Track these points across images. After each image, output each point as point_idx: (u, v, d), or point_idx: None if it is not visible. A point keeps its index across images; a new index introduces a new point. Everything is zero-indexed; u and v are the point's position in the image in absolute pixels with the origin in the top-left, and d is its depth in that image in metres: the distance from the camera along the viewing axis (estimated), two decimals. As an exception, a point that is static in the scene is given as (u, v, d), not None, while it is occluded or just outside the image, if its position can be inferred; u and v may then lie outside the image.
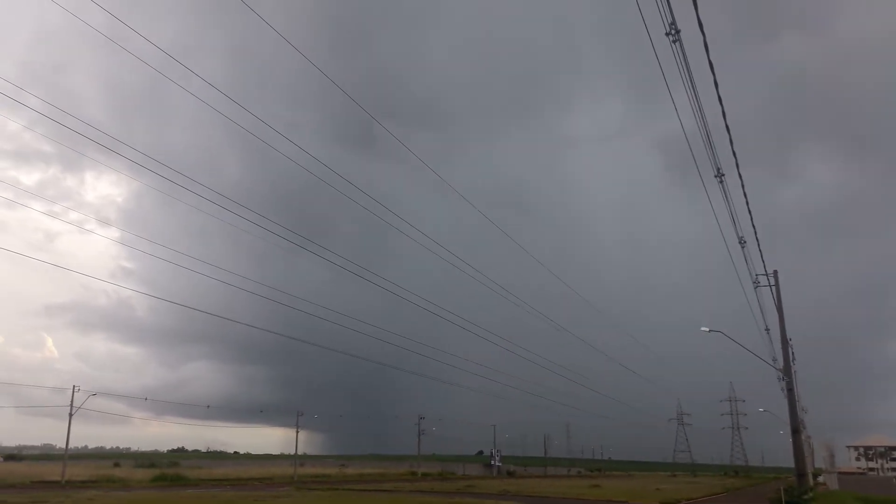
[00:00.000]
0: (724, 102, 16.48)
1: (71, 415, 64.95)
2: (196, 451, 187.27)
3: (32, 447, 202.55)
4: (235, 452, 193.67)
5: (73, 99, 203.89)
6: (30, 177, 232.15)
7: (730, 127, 18.34)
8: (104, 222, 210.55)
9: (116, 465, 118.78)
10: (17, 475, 66.90)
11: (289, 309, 42.12)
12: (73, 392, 65.38)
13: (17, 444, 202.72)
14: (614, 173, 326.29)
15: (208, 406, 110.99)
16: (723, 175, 21.67)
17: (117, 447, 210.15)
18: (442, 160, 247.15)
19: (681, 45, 13.09)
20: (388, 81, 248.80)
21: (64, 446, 68.57)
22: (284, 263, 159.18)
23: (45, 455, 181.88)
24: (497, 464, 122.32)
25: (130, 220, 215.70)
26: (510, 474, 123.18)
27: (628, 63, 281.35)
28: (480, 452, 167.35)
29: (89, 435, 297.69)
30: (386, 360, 70.08)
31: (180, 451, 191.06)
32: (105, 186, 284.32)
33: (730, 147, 19.64)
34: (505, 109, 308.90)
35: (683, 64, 13.81)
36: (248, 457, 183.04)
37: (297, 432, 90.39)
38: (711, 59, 13.95)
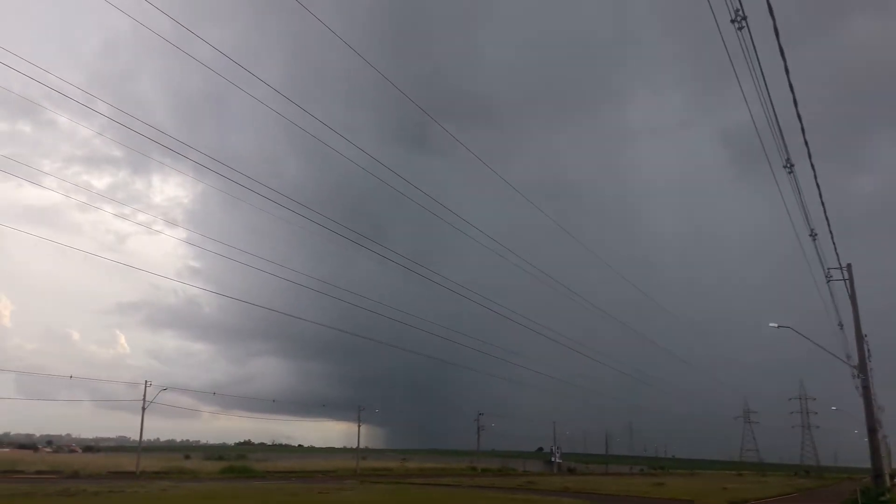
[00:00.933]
0: (794, 90, 15.96)
1: (144, 409, 67.48)
2: (262, 444, 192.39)
3: (108, 439, 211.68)
4: (300, 445, 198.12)
5: (140, 105, 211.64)
6: (101, 181, 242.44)
7: (801, 115, 17.74)
8: (171, 223, 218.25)
9: (187, 457, 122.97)
10: (95, 466, 70.13)
11: (349, 306, 42.78)
12: (146, 387, 67.93)
13: (95, 437, 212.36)
14: (675, 166, 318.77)
15: (273, 400, 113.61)
16: (792, 165, 20.99)
17: (187, 440, 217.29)
18: (498, 157, 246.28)
19: (748, 32, 12.75)
20: (444, 80, 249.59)
21: (137, 439, 71.44)
22: (343, 261, 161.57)
23: (120, 447, 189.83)
24: (557, 460, 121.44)
25: (196, 220, 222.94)
26: (571, 471, 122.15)
27: (688, 53, 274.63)
28: (540, 449, 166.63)
29: (161, 428, 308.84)
30: (446, 357, 70.46)
31: (247, 444, 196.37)
32: (172, 188, 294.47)
33: (799, 136, 18.98)
34: (561, 104, 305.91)
35: (751, 52, 13.43)
36: (312, 450, 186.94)
37: (359, 426, 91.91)
38: (781, 45, 13.53)
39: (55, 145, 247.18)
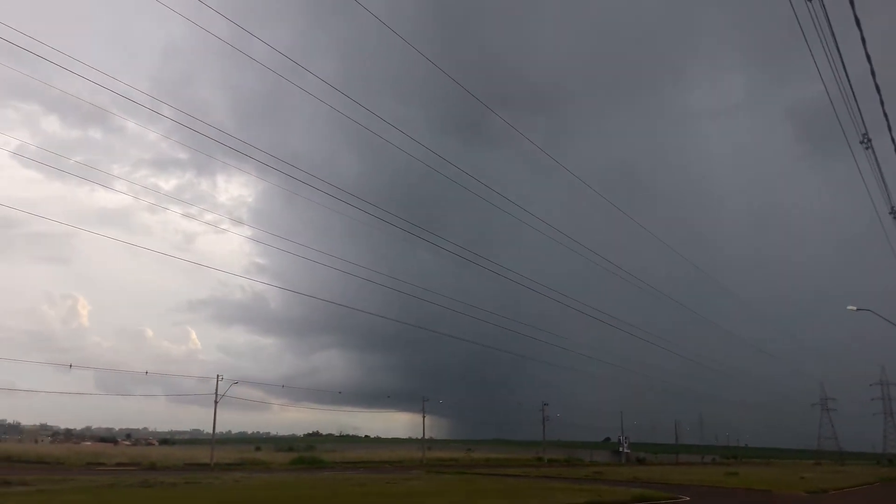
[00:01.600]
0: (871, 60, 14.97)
1: (216, 402, 69.48)
2: (329, 435, 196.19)
3: (183, 432, 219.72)
4: (366, 436, 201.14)
5: (201, 107, 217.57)
6: (168, 183, 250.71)
7: (879, 87, 16.65)
8: (237, 221, 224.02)
9: (258, 448, 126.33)
10: (171, 458, 72.69)
11: (410, 298, 42.99)
12: (217, 381, 69.94)
13: (170, 430, 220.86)
14: (738, 146, 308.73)
15: (339, 392, 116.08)
16: (870, 140, 19.81)
17: (258, 432, 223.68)
18: (554, 144, 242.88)
19: (821, 2, 12.07)
20: (498, 68, 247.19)
21: (210, 431, 73.66)
22: (401, 253, 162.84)
23: (194, 439, 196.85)
24: (625, 450, 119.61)
25: (260, 218, 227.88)
26: (640, 461, 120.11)
27: (749, 29, 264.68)
28: (607, 439, 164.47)
29: (232, 420, 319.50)
30: (509, 347, 70.16)
31: (315, 435, 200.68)
32: (236, 188, 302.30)
33: (876, 110, 17.86)
34: (618, 88, 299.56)
35: (823, 23, 12.67)
36: (378, 440, 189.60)
37: (424, 417, 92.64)
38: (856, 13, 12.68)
39: (124, 150, 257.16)
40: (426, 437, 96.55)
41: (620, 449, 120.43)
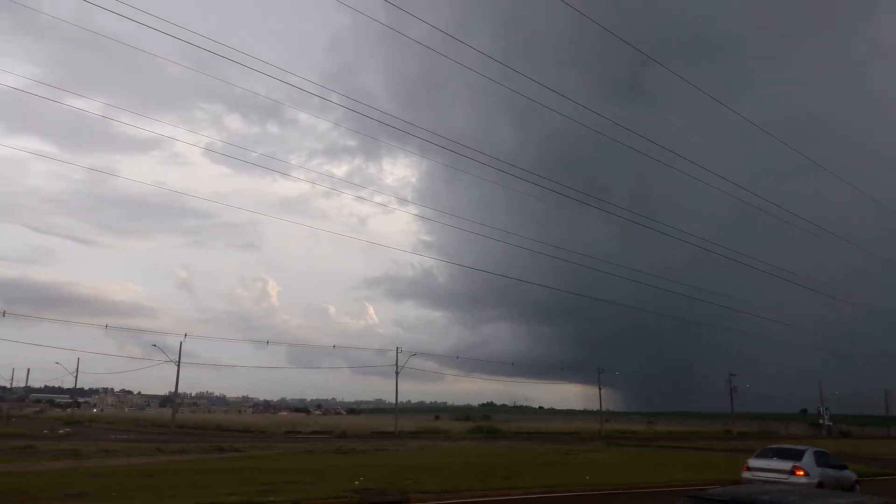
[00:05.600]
0: None
1: (397, 373, 72.69)
2: (503, 406, 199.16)
3: (367, 402, 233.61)
4: (540, 407, 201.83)
5: (366, 95, 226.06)
6: (340, 169, 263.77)
7: None
8: (403, 201, 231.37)
9: (437, 417, 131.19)
10: (359, 426, 77.32)
11: (577, 267, 41.71)
12: (398, 353, 73.04)
13: (355, 400, 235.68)
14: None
15: (512, 363, 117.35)
16: None
17: (434, 402, 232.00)
18: (722, 96, 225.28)
19: None
20: (656, 20, 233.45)
21: (391, 401, 77.36)
22: (567, 223, 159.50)
23: (377, 409, 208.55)
24: (826, 422, 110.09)
25: (424, 196, 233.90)
26: (844, 434, 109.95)
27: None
28: (804, 411, 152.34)
29: (410, 391, 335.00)
30: (688, 315, 66.58)
31: (489, 406, 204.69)
32: (401, 169, 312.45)
33: None
34: (791, 28, 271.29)
35: None
36: (552, 412, 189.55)
37: (600, 388, 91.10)
38: None
39: (299, 141, 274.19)
40: (602, 408, 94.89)
41: (820, 421, 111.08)
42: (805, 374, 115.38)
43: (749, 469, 19.98)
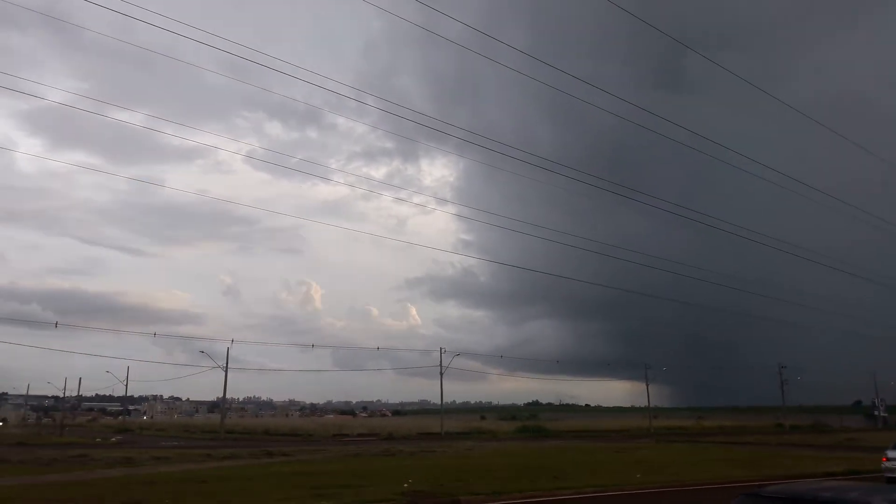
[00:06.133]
0: None
1: (441, 373, 72.79)
2: (549, 404, 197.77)
3: (411, 403, 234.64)
4: (586, 405, 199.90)
5: (402, 96, 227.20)
6: (378, 171, 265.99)
7: None
8: (442, 201, 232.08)
9: (482, 417, 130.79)
10: (404, 428, 77.56)
11: (620, 262, 41.23)
12: (441, 353, 73.13)
13: (400, 401, 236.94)
14: None
15: (557, 361, 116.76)
16: None
17: (479, 401, 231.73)
18: (761, 81, 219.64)
19: None
20: (693, 7, 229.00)
21: (435, 402, 77.52)
22: (606, 217, 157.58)
23: (422, 409, 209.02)
24: (882, 414, 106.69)
25: (463, 195, 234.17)
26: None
27: None
28: (858, 403, 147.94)
29: (454, 391, 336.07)
30: (735, 308, 65.23)
31: (535, 405, 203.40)
32: (438, 169, 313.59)
33: None
34: (834, 5, 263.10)
35: None
36: (599, 409, 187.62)
37: (647, 385, 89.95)
38: None
39: (338, 145, 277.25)
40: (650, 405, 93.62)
41: (875, 412, 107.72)
42: (858, 365, 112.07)
43: (889, 459, 19.83)
